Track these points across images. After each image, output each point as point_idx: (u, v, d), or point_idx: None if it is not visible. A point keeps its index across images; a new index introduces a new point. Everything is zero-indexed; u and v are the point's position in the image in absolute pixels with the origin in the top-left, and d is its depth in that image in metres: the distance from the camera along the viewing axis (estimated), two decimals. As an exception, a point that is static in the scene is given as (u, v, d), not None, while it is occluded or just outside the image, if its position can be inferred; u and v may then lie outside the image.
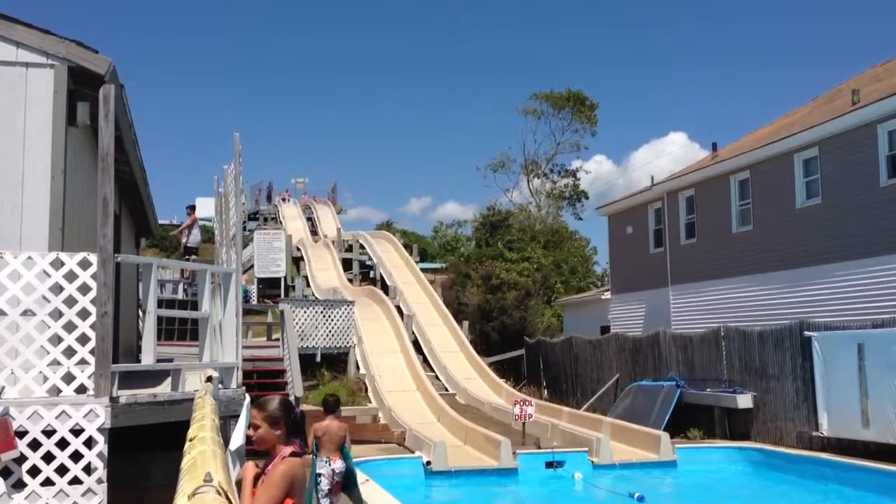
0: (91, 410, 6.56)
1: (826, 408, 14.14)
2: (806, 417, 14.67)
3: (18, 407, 6.44)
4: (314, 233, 40.13)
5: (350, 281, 30.54)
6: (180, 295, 24.45)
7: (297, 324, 19.97)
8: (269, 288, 29.03)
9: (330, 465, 8.42)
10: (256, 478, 4.00)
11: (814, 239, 17.60)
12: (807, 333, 14.69)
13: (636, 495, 11.67)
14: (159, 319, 8.22)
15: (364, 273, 32.24)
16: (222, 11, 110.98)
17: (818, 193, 17.69)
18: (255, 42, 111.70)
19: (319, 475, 8.39)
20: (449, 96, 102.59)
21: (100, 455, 6.55)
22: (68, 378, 6.69)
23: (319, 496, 8.42)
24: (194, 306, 9.70)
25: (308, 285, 29.60)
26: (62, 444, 6.48)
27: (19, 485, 6.40)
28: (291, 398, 15.97)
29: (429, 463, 13.43)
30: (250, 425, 4.20)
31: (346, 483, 8.50)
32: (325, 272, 30.74)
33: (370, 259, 31.84)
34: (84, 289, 6.84)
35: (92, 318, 6.77)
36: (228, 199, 9.17)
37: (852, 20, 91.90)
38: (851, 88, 18.39)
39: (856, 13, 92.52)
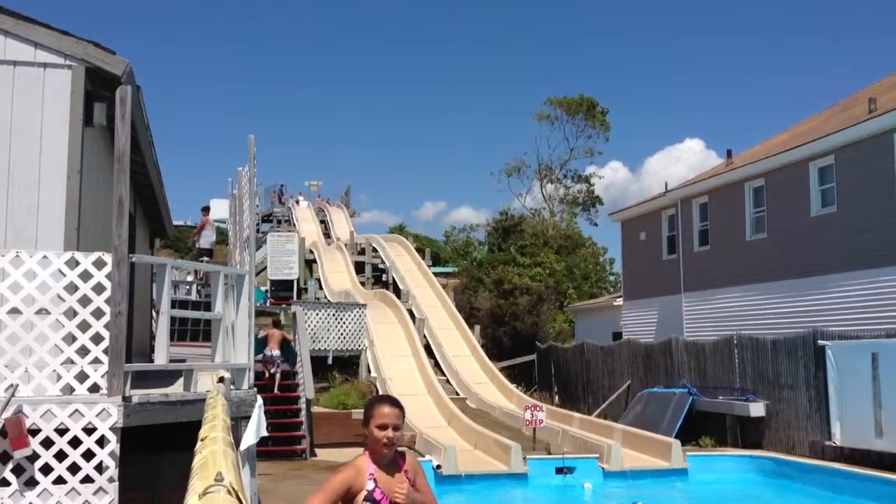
0: (104, 409, 6.59)
1: (839, 417, 14.05)
2: (819, 427, 14.58)
3: (32, 405, 6.48)
4: (327, 235, 40.21)
5: (362, 284, 30.58)
6: (194, 296, 24.55)
7: (309, 326, 20.02)
8: (282, 290, 29.09)
9: (271, 351, 16.55)
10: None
11: (828, 247, 17.50)
12: (820, 342, 14.61)
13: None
14: (172, 320, 8.25)
15: (376, 276, 32.28)
16: (238, 16, 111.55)
17: (833, 202, 17.58)
18: (271, 46, 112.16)
19: (265, 353, 16.38)
20: (465, 101, 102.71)
21: (112, 454, 6.58)
22: (81, 377, 6.72)
23: (264, 364, 16.36)
24: (207, 307, 9.74)
25: (320, 288, 29.66)
26: (75, 442, 6.52)
27: (31, 482, 6.43)
28: (303, 400, 16.01)
29: (439, 467, 13.42)
30: (395, 426, 3.77)
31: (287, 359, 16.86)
32: (337, 275, 30.79)
33: (383, 262, 31.87)
34: (98, 288, 6.88)
35: (106, 318, 6.81)
36: (242, 202, 9.20)
37: (869, 28, 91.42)
38: (868, 97, 18.28)
39: (873, 21, 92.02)
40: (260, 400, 8.02)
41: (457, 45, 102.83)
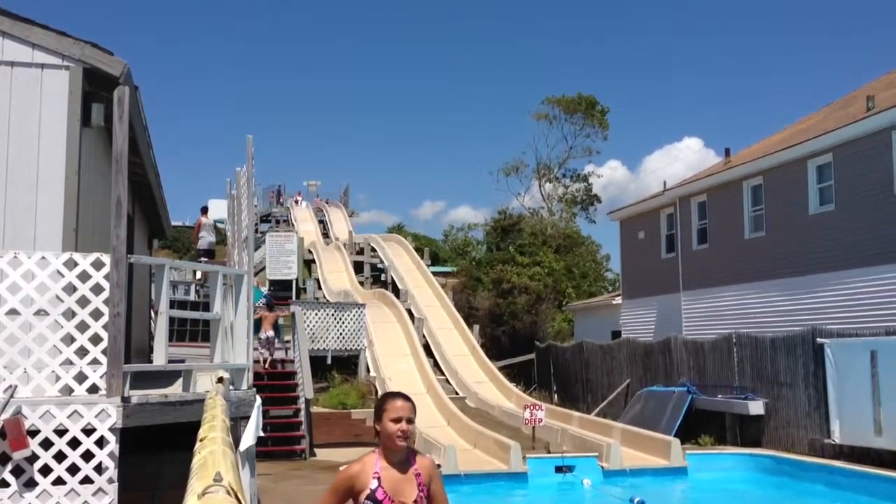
0: (103, 410, 6.58)
1: (838, 415, 14.05)
2: (818, 425, 14.58)
3: (31, 406, 6.47)
4: (326, 235, 40.21)
5: (361, 284, 30.57)
6: (192, 296, 24.57)
7: (308, 326, 20.00)
8: (281, 290, 29.10)
9: (265, 333, 17.12)
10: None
11: (827, 245, 17.50)
12: (819, 340, 14.60)
13: (636, 500, 11.61)
14: (171, 320, 8.24)
15: (375, 276, 32.27)
16: (238, 15, 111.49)
17: (832, 200, 17.59)
18: (271, 45, 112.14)
19: (259, 337, 16.49)
20: (464, 101, 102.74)
21: (111, 455, 6.57)
22: (80, 378, 6.72)
23: (260, 346, 16.82)
24: (206, 307, 9.73)
25: (319, 288, 29.66)
26: (74, 443, 6.51)
27: (31, 483, 6.43)
28: (302, 400, 16.00)
29: (438, 466, 13.40)
30: (408, 419, 3.75)
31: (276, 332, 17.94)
32: (336, 275, 30.79)
33: (381, 262, 31.87)
34: (97, 289, 6.87)
35: (104, 319, 6.80)
36: (241, 202, 9.19)
37: (867, 27, 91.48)
38: (866, 95, 18.29)
39: (871, 20, 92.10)
40: (259, 400, 8.01)
41: (456, 45, 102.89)
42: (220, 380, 7.45)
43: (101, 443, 6.56)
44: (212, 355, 8.44)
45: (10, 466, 6.35)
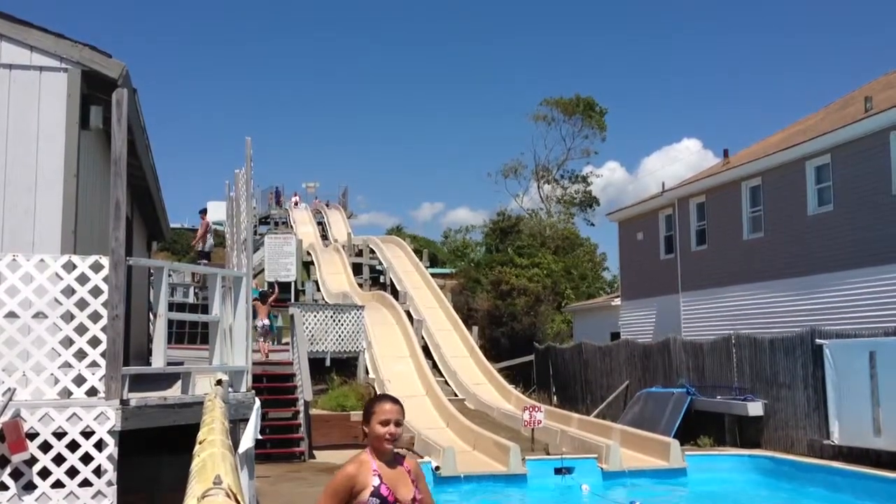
0: (102, 413, 6.58)
1: (837, 416, 14.05)
2: (817, 425, 14.58)
3: (30, 409, 6.47)
4: (325, 237, 40.20)
5: (360, 285, 30.58)
6: (191, 298, 24.57)
7: (307, 328, 20.00)
8: (280, 292, 29.11)
9: (260, 320, 17.82)
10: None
11: (825, 246, 17.51)
12: (818, 341, 14.61)
13: (637, 503, 11.62)
14: (170, 323, 8.22)
15: (374, 278, 32.29)
16: (237, 16, 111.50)
17: (830, 200, 17.59)
18: (269, 47, 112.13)
19: (255, 325, 16.49)
20: (463, 102, 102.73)
21: (110, 457, 6.57)
22: (79, 380, 6.71)
23: (257, 335, 17.38)
24: (205, 310, 9.72)
25: (318, 290, 29.67)
26: (73, 446, 6.50)
27: (30, 486, 6.42)
28: (301, 402, 15.99)
29: (437, 468, 13.41)
30: (396, 422, 3.84)
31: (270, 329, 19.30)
32: (335, 277, 30.79)
33: (380, 264, 31.88)
34: (96, 291, 6.86)
35: (103, 321, 6.79)
36: (239, 204, 9.18)
37: (865, 28, 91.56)
38: (864, 96, 18.30)
39: (868, 21, 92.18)
40: (258, 402, 8.01)
41: (455, 46, 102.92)
42: (219, 382, 7.44)
43: (100, 445, 6.55)
44: (210, 357, 8.43)
45: (8, 469, 6.35)
